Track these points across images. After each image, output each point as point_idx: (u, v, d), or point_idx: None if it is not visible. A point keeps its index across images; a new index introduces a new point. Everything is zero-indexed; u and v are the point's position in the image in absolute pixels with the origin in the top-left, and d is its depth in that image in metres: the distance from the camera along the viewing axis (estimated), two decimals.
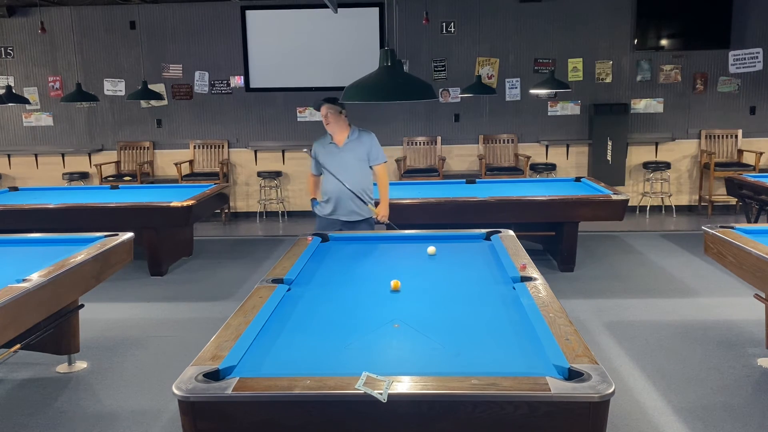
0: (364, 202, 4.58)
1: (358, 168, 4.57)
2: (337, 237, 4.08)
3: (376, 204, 4.72)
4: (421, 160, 8.68)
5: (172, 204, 5.67)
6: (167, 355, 4.23)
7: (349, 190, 4.49)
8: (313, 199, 4.84)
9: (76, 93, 7.36)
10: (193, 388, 1.93)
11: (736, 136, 8.44)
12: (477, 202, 5.65)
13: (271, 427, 1.97)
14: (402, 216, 5.64)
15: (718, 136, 8.47)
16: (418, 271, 3.33)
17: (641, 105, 8.48)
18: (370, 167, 4.68)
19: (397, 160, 8.54)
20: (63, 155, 8.87)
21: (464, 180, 6.91)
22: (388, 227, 4.76)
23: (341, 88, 2.88)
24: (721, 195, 8.22)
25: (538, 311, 2.55)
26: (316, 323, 2.60)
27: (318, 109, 4.54)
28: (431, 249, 3.67)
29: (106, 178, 8.42)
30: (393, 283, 3.02)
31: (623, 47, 8.36)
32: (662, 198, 8.54)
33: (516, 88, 8.51)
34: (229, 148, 8.82)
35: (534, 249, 5.62)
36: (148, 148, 8.84)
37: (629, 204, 5.90)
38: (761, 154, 8.11)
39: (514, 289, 2.93)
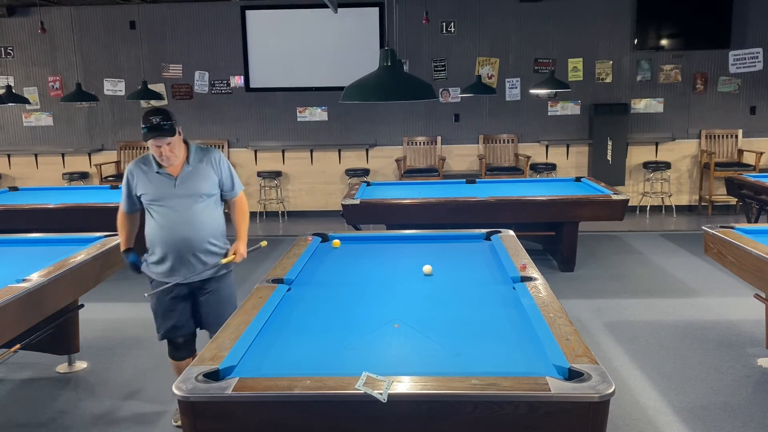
0: (216, 253, 3.21)
1: (204, 206, 3.15)
2: (337, 237, 4.07)
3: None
4: (421, 160, 8.68)
5: None
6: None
7: (193, 240, 3.11)
8: (129, 251, 3.28)
9: (76, 93, 7.36)
10: (193, 388, 1.93)
11: (736, 136, 8.44)
12: (477, 202, 5.64)
13: (271, 427, 1.97)
14: (402, 216, 5.66)
15: (718, 136, 8.47)
16: (419, 271, 3.32)
17: (641, 105, 8.48)
18: (223, 200, 3.32)
19: (397, 160, 8.54)
20: (63, 155, 8.86)
21: (464, 180, 6.91)
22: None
23: (341, 88, 2.88)
24: (721, 195, 8.22)
25: (538, 311, 2.54)
26: (316, 323, 2.60)
27: (146, 141, 3.03)
28: (427, 268, 3.27)
29: (106, 178, 8.41)
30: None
31: (623, 47, 8.36)
32: (662, 198, 8.54)
33: (516, 88, 8.51)
34: (229, 148, 8.82)
35: (534, 249, 5.61)
36: (147, 148, 8.80)
37: (629, 204, 5.90)
38: (761, 154, 8.10)
39: (514, 289, 2.93)
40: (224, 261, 3.20)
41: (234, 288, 3.38)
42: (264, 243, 3.37)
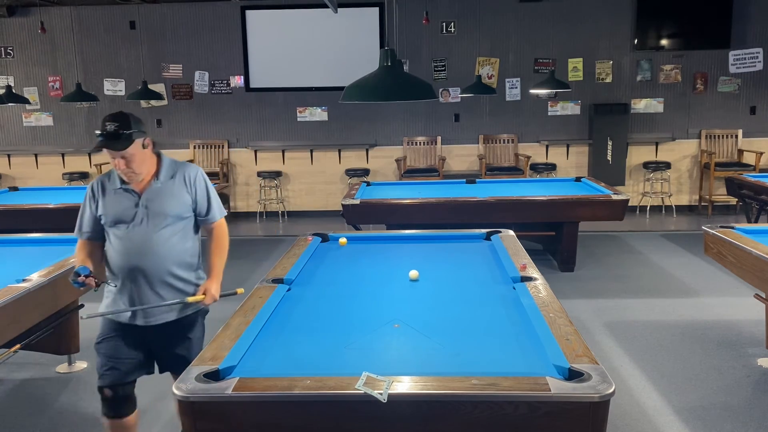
0: (180, 290, 2.67)
1: (172, 231, 2.64)
2: (337, 237, 4.06)
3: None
4: (421, 160, 8.68)
5: None
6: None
7: (151, 271, 2.60)
8: (77, 278, 2.51)
9: (76, 93, 7.37)
10: (193, 388, 1.93)
11: (737, 136, 8.44)
12: (477, 202, 5.64)
13: (271, 427, 1.97)
14: (402, 216, 5.66)
15: (718, 136, 8.46)
16: (419, 271, 3.32)
17: (641, 105, 8.48)
18: (197, 225, 2.76)
19: (397, 160, 8.54)
20: (63, 155, 8.86)
21: (464, 180, 6.91)
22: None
23: (341, 88, 2.88)
24: (721, 195, 8.21)
25: (538, 311, 2.54)
26: (316, 323, 2.60)
27: (98, 151, 2.60)
28: (413, 273, 3.17)
29: None
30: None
31: (623, 47, 8.36)
32: (662, 198, 8.54)
33: (516, 88, 8.51)
34: (229, 148, 8.82)
35: (534, 249, 5.61)
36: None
37: (629, 204, 5.90)
38: (761, 154, 8.10)
39: (514, 289, 2.93)
40: (190, 300, 2.65)
41: (203, 332, 2.81)
42: (240, 290, 2.84)
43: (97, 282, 2.53)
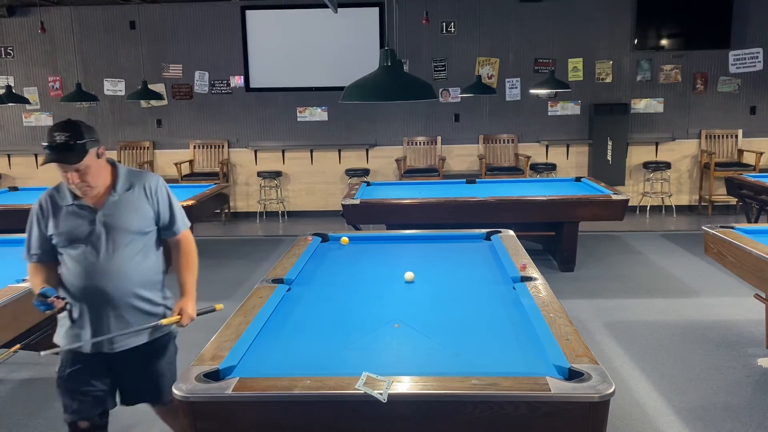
0: (148, 312, 2.46)
1: (134, 249, 2.41)
2: (337, 237, 4.07)
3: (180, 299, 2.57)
4: (421, 160, 8.68)
5: None
6: None
7: (113, 293, 2.37)
8: (45, 300, 2.26)
9: (76, 93, 7.36)
10: (193, 388, 1.93)
11: (737, 136, 8.44)
12: (477, 202, 5.64)
13: (271, 427, 1.97)
14: (402, 216, 5.66)
15: (718, 136, 8.46)
16: (419, 271, 3.32)
17: (641, 105, 8.48)
18: (159, 239, 2.54)
19: (397, 160, 8.54)
20: None
21: (464, 180, 6.91)
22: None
23: (341, 88, 2.88)
24: (721, 195, 8.21)
25: (538, 311, 2.55)
26: (316, 323, 2.60)
27: (44, 164, 2.37)
28: (409, 275, 3.14)
29: None
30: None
31: (623, 47, 8.36)
32: (662, 198, 8.54)
33: (516, 88, 8.51)
34: (229, 148, 8.82)
35: (534, 249, 5.61)
36: (148, 148, 8.84)
37: (629, 204, 5.90)
38: (761, 154, 8.10)
39: (514, 289, 2.93)
40: (165, 322, 2.43)
41: (176, 355, 2.60)
42: (219, 306, 2.63)
43: (66, 304, 2.30)
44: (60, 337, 2.45)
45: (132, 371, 2.48)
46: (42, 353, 2.31)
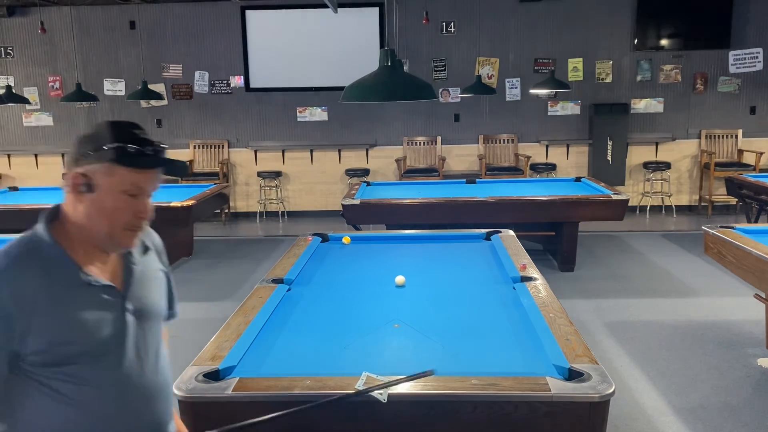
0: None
1: (162, 346, 1.59)
2: (337, 237, 4.06)
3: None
4: (421, 160, 8.68)
5: (172, 204, 5.66)
6: None
7: (167, 421, 1.55)
8: None
9: (76, 93, 7.36)
10: (193, 388, 1.93)
11: (736, 136, 8.44)
12: (477, 202, 5.64)
13: (270, 427, 1.97)
14: (402, 216, 5.66)
15: (718, 136, 8.46)
16: (418, 271, 3.32)
17: (641, 105, 8.48)
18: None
19: (397, 160, 8.54)
20: (63, 155, 8.86)
21: (464, 180, 6.91)
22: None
23: (341, 88, 2.88)
24: (721, 195, 8.21)
25: (538, 311, 2.54)
26: (316, 323, 2.60)
27: (149, 168, 1.40)
28: (400, 279, 3.06)
29: None
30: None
31: (623, 47, 8.36)
32: (662, 198, 8.54)
33: (516, 88, 8.51)
34: (229, 148, 8.82)
35: (534, 249, 5.61)
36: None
37: (629, 204, 5.90)
38: (761, 154, 8.10)
39: (514, 289, 2.93)
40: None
41: None
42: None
43: None
44: None
45: None
46: None
